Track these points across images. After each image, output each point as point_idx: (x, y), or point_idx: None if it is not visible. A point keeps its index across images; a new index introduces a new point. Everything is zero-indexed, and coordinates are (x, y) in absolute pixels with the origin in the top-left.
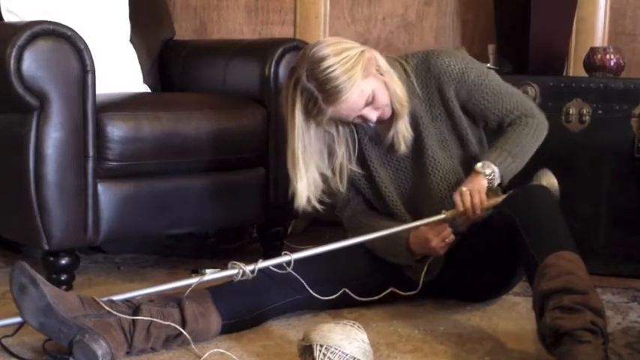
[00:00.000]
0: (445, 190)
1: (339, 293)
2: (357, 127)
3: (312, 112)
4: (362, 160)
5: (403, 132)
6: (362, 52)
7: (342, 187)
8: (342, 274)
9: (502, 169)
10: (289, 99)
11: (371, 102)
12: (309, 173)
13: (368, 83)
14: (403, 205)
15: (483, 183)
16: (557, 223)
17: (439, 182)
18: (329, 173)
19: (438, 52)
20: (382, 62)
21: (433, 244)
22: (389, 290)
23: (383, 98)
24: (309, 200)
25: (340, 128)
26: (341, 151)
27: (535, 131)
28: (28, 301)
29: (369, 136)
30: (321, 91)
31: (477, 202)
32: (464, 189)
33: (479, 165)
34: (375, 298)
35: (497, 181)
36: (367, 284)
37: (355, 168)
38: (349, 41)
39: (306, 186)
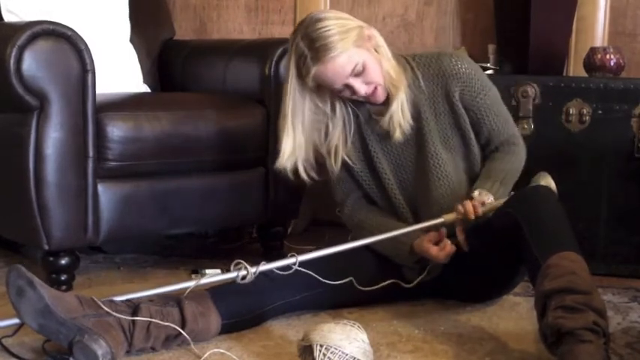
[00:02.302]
0: (445, 188)
1: (346, 280)
2: (357, 107)
3: (302, 73)
4: (365, 151)
5: (399, 117)
6: (361, 27)
7: (336, 168)
8: (346, 272)
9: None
10: (288, 62)
11: (360, 73)
12: (296, 133)
13: (359, 53)
14: (403, 198)
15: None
16: (560, 223)
17: (440, 180)
18: (324, 152)
19: (451, 53)
20: (381, 42)
21: (433, 252)
22: (391, 281)
23: (375, 75)
24: (290, 159)
25: (337, 107)
26: (337, 133)
27: (519, 160)
28: (26, 304)
29: (366, 120)
30: (310, 49)
31: (479, 211)
32: (467, 201)
33: (476, 193)
34: (378, 286)
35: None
36: (370, 281)
37: (350, 161)
38: (351, 17)
39: (291, 144)
